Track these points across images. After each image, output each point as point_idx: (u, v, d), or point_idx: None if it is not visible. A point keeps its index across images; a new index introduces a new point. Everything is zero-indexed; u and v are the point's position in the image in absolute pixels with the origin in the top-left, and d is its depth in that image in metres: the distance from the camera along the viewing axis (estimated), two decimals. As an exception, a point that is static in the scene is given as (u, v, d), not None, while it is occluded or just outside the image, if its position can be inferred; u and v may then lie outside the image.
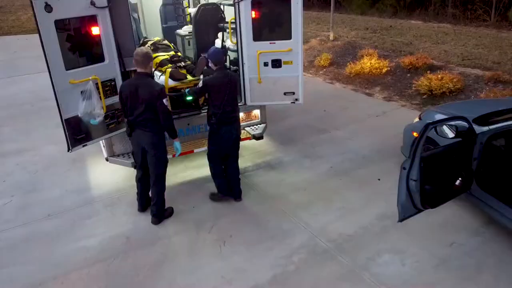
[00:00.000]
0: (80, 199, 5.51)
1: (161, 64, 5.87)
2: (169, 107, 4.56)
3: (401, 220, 4.04)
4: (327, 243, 4.47)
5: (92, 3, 4.59)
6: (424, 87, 8.51)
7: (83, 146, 4.91)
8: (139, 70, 4.43)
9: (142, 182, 4.93)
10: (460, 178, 4.31)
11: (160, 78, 5.70)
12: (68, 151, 4.74)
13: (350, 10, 21.67)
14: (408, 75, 9.73)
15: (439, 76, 8.49)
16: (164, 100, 4.44)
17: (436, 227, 4.63)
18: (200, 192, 5.56)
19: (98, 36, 4.76)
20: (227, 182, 5.29)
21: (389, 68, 10.17)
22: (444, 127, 4.62)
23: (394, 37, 13.71)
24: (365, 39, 13.61)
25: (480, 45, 11.68)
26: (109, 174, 6.02)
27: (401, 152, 5.91)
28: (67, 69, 4.51)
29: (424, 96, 8.55)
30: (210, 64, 4.95)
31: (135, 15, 8.14)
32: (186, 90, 5.24)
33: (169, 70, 5.64)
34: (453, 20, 16.75)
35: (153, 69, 4.48)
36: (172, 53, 6.26)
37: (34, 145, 7.29)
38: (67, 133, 4.65)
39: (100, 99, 4.81)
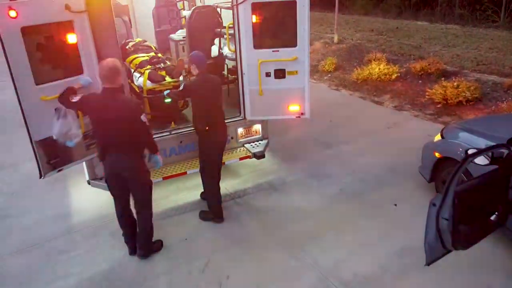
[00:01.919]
0: (58, 228, 4.88)
1: (141, 66, 5.46)
2: (147, 123, 3.99)
3: (428, 263, 3.42)
4: (340, 287, 3.83)
5: (67, 7, 3.96)
6: (438, 96, 7.87)
7: (58, 171, 4.29)
8: (106, 85, 3.77)
9: (126, 219, 4.25)
10: (496, 212, 3.68)
11: (139, 79, 5.28)
12: (40, 177, 4.11)
13: (353, 10, 21.04)
14: (420, 81, 9.08)
15: (455, 83, 7.84)
16: (142, 117, 3.86)
17: (466, 267, 3.98)
18: (194, 219, 4.93)
19: (75, 44, 4.14)
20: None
21: (398, 74, 9.51)
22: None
23: (402, 39, 13.06)
24: (371, 41, 12.96)
25: (494, 48, 11.02)
26: (92, 196, 5.37)
27: (420, 173, 5.27)
28: (37, 84, 3.90)
29: (438, 106, 7.91)
30: (192, 68, 4.51)
31: (126, 18, 7.53)
32: (165, 92, 4.82)
33: (148, 71, 5.20)
34: (460, 21, 16.13)
35: (121, 81, 3.94)
36: (152, 54, 5.75)
37: (14, 161, 6.66)
38: (38, 158, 4.03)
39: (78, 117, 4.20)
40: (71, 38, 4.10)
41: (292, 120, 7.14)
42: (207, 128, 4.49)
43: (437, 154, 4.84)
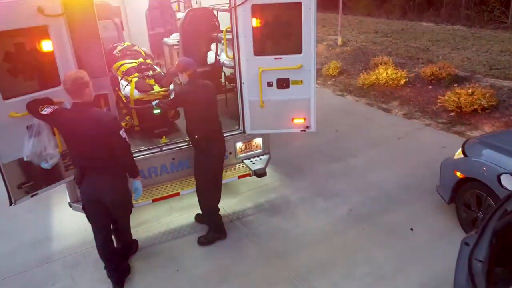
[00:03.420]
0: (36, 256, 4.38)
1: (128, 73, 4.95)
2: (127, 139, 3.52)
3: (459, 311, 2.92)
4: (353, 333, 3.33)
5: (40, 11, 3.45)
6: (451, 103, 7.36)
7: (32, 196, 3.78)
8: (74, 100, 3.32)
9: (107, 250, 3.76)
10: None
11: (126, 88, 4.81)
12: (10, 205, 3.60)
13: (356, 11, 20.54)
14: (430, 87, 8.57)
15: (470, 90, 7.32)
16: (121, 132, 3.40)
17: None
18: (188, 246, 4.42)
19: (51, 53, 3.63)
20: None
21: (407, 79, 9.00)
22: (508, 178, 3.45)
23: (408, 41, 12.57)
24: (376, 44, 12.46)
25: (505, 51, 10.52)
26: (76, 218, 4.83)
27: (437, 192, 4.77)
28: (5, 98, 3.39)
29: (451, 114, 7.40)
30: (181, 77, 4.06)
31: (117, 21, 7.03)
32: (154, 102, 4.39)
33: (135, 80, 4.72)
34: (467, 22, 15.64)
35: (93, 93, 3.48)
36: (140, 60, 5.23)
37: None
38: (7, 183, 3.52)
39: (54, 135, 3.69)
40: (46, 46, 3.60)
41: (295, 130, 6.63)
42: (201, 139, 4.08)
43: (458, 174, 4.33)
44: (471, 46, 11.36)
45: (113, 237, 3.90)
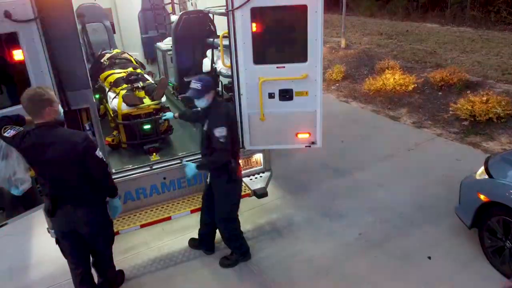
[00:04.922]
0: (12, 286, 3.93)
1: (116, 84, 4.51)
2: (104, 158, 3.08)
3: None
4: None
5: (8, 16, 3.00)
6: (464, 112, 6.90)
7: (1, 226, 3.33)
8: (36, 121, 2.85)
9: (88, 287, 3.33)
10: None
11: (113, 101, 4.36)
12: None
13: (358, 11, 20.11)
14: (440, 93, 8.11)
15: (484, 98, 6.87)
16: (97, 152, 2.95)
17: None
18: (181, 275, 3.98)
19: (22, 62, 3.18)
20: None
21: (415, 85, 8.54)
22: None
23: (414, 44, 12.12)
24: (381, 46, 12.00)
25: (517, 54, 10.08)
26: (58, 243, 4.42)
27: (456, 214, 4.30)
28: (-34, 117, 2.95)
29: (464, 123, 6.94)
30: (208, 98, 3.49)
31: (107, 23, 6.58)
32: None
33: (123, 92, 4.27)
34: (473, 23, 15.20)
35: (61, 110, 3.01)
36: (130, 69, 4.75)
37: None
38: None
39: (25, 157, 3.23)
40: (16, 55, 3.16)
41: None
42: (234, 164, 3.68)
43: (482, 197, 3.87)
44: (480, 49, 10.91)
45: (93, 271, 3.45)
